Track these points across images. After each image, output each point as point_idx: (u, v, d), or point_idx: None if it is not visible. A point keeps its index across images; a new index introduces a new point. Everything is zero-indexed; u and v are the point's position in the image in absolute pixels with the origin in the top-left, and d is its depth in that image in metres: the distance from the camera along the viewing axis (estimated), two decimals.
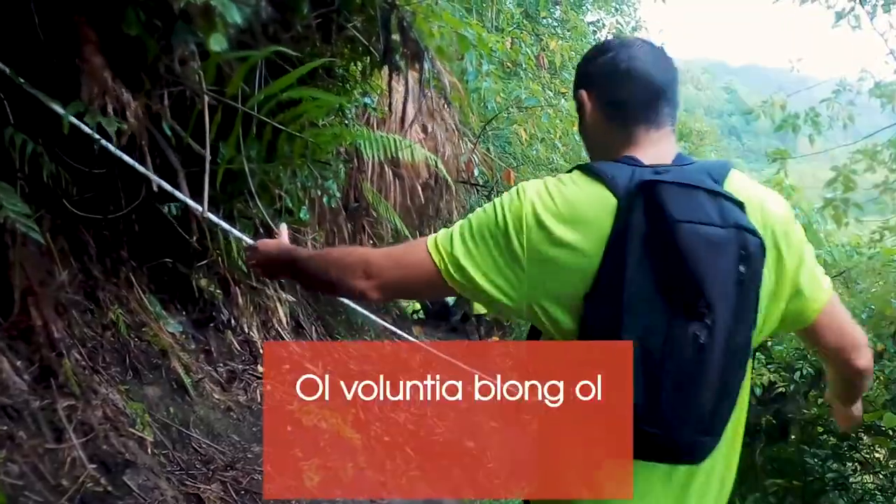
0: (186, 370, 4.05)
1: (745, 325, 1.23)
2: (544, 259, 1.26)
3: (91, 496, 2.61)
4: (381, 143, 4.87)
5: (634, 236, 1.19)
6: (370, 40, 3.73)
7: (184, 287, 4.73)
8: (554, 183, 1.30)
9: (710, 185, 1.23)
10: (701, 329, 1.17)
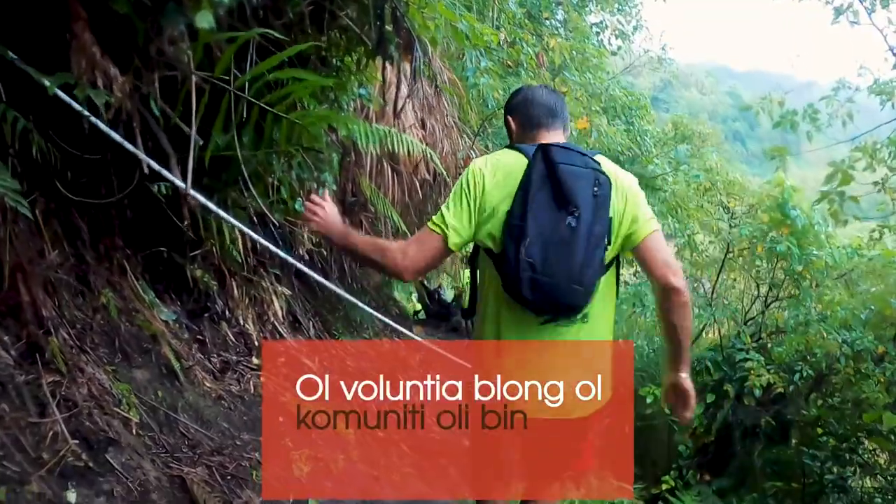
0: (177, 357, 4.06)
1: (601, 221, 2.15)
2: (487, 190, 2.22)
3: (71, 470, 2.62)
4: (378, 136, 4.87)
5: (536, 173, 2.15)
6: (363, 30, 3.74)
7: (179, 277, 4.74)
8: (492, 154, 2.35)
9: (579, 149, 2.24)
10: (572, 219, 2.11)
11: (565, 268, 2.09)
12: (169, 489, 3.09)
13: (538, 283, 2.09)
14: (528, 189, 2.13)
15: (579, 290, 2.12)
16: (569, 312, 2.21)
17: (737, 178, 9.46)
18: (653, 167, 10.59)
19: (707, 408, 8.66)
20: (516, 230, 2.11)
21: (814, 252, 8.21)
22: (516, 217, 2.12)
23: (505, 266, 2.14)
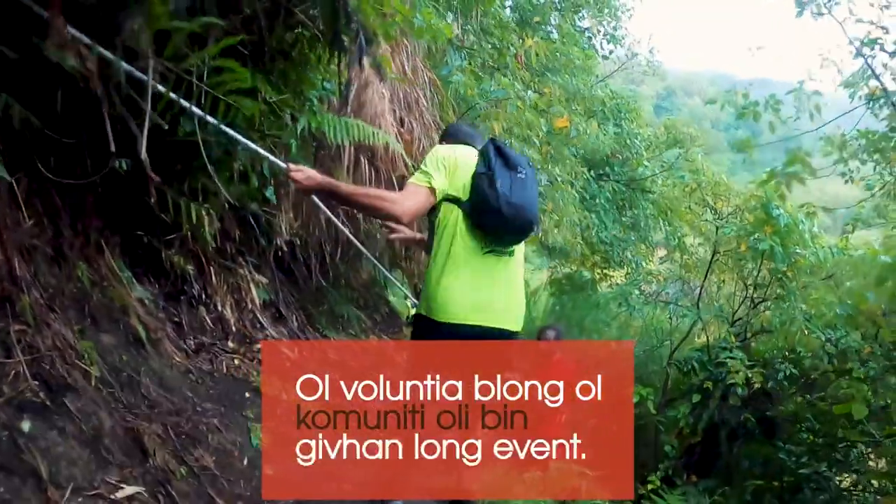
0: (147, 329, 4.31)
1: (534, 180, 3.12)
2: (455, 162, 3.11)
3: (29, 405, 2.87)
4: (346, 127, 5.12)
5: (491, 151, 3.10)
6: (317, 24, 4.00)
7: (158, 261, 5.01)
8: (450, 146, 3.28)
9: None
10: (521, 174, 3.04)
11: (525, 198, 3.01)
12: (122, 438, 3.32)
13: (511, 205, 2.96)
14: (489, 157, 3.08)
15: (534, 215, 3.08)
16: (526, 233, 3.12)
17: (722, 179, 9.61)
18: (642, 169, 10.78)
19: (693, 408, 8.79)
20: (487, 178, 3.01)
21: (797, 251, 8.34)
22: (486, 170, 3.04)
23: (482, 200, 3.00)
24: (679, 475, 8.71)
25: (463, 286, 3.03)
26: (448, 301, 3.04)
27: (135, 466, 3.23)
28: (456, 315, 3.03)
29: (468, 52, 7.75)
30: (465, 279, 3.04)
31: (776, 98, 6.81)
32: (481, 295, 3.05)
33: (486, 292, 3.07)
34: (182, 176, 4.54)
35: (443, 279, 3.05)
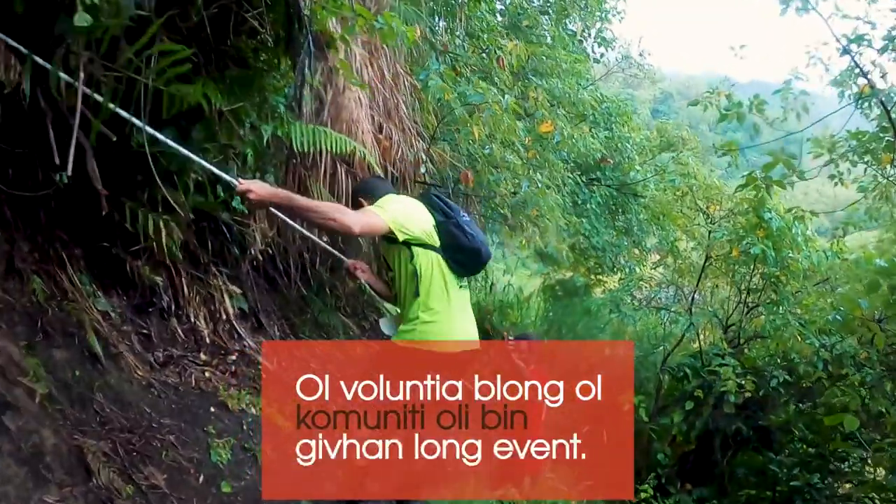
0: (105, 343, 4.24)
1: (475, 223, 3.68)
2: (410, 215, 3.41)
3: None
4: (313, 135, 5.04)
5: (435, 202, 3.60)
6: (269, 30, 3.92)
7: (126, 272, 4.94)
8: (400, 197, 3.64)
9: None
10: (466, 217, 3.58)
11: (482, 235, 3.62)
12: (66, 456, 3.25)
13: (480, 242, 3.55)
14: (441, 206, 3.56)
15: (489, 252, 3.73)
16: (486, 264, 3.77)
17: (715, 182, 9.49)
18: (634, 173, 10.66)
19: (686, 415, 8.66)
20: (453, 224, 3.49)
21: (790, 255, 8.21)
22: (447, 217, 3.52)
23: (457, 243, 3.49)
24: (673, 483, 8.57)
25: (453, 318, 3.52)
26: (444, 332, 3.50)
27: (76, 485, 3.16)
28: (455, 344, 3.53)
29: (452, 56, 7.67)
30: (455, 312, 3.53)
31: (760, 98, 6.65)
32: (466, 323, 3.61)
33: (467, 319, 3.64)
34: (142, 186, 4.47)
35: (438, 315, 3.48)
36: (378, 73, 6.54)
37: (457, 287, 3.56)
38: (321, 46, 4.26)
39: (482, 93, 6.03)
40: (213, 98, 3.78)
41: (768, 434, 8.60)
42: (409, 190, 6.75)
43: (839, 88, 6.72)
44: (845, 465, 7.86)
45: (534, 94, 7.70)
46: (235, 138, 4.16)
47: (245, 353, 5.98)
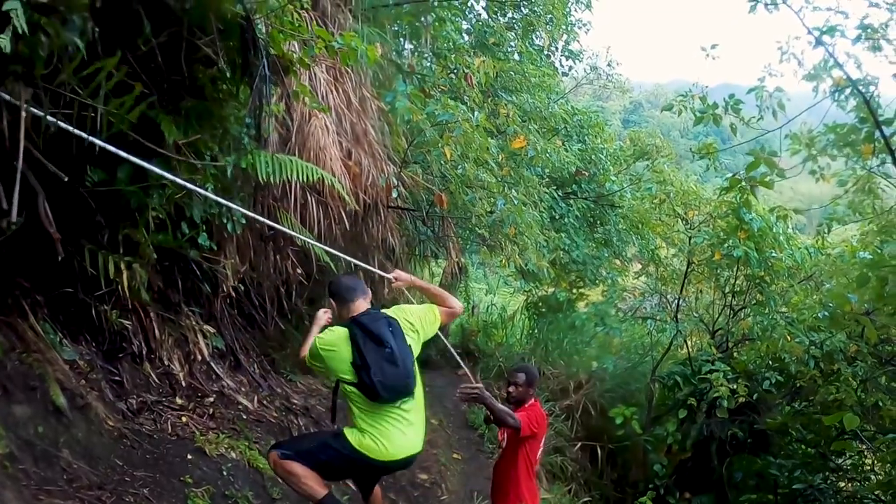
0: (72, 395, 4.03)
1: (403, 344, 3.88)
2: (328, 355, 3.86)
3: None
4: (279, 165, 4.89)
5: (358, 334, 3.78)
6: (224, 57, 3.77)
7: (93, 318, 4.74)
8: (326, 332, 3.98)
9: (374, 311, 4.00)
10: (389, 349, 3.77)
11: (396, 374, 3.75)
12: None
13: (386, 387, 3.73)
14: (358, 343, 3.76)
15: (409, 381, 3.85)
16: (405, 394, 3.85)
17: (691, 187, 9.43)
18: (610, 184, 10.58)
19: (680, 424, 8.53)
20: (362, 367, 3.71)
21: (773, 254, 8.14)
22: (358, 360, 3.74)
23: (365, 386, 3.73)
24: (672, 493, 8.44)
25: (388, 436, 3.84)
26: (380, 447, 3.82)
27: None
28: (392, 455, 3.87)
29: (420, 77, 7.56)
30: (385, 429, 3.84)
31: (736, 98, 6.57)
32: (402, 437, 3.89)
33: (404, 433, 3.90)
34: (101, 228, 4.29)
35: (366, 432, 3.83)
36: (344, 98, 6.40)
37: (394, 406, 3.86)
38: (279, 72, 4.11)
39: (451, 111, 5.90)
40: (167, 131, 3.62)
41: (765, 437, 8.50)
42: (381, 216, 6.61)
43: (814, 82, 6.65)
44: (843, 461, 7.75)
45: (504, 110, 7.60)
46: (197, 172, 3.99)
47: (224, 393, 5.78)
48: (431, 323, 4.18)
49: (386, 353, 3.74)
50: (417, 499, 6.37)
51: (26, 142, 3.38)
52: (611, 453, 9.20)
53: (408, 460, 4.01)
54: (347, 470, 4.14)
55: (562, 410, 8.96)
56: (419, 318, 4.13)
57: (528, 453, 4.94)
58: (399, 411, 3.87)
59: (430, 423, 8.07)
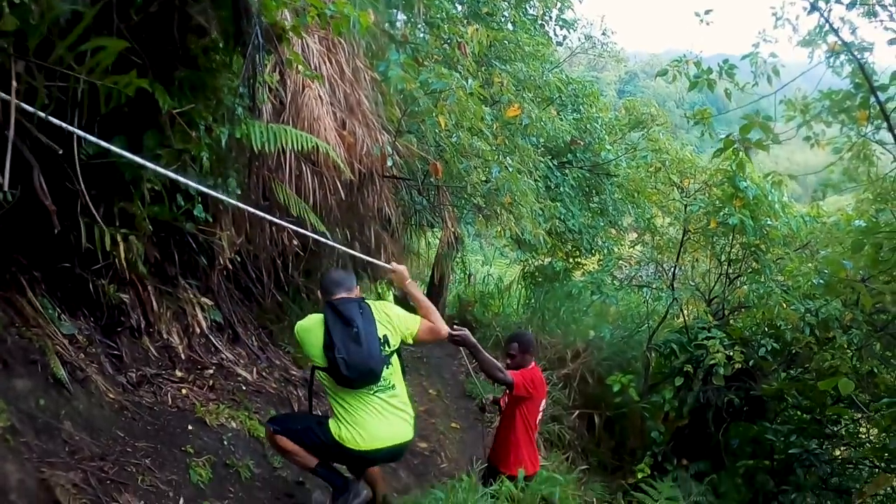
0: (72, 368, 4.04)
1: (371, 327, 3.90)
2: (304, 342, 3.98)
3: None
4: (274, 135, 4.86)
5: (330, 316, 3.86)
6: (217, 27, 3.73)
7: (90, 293, 4.74)
8: (304, 320, 4.07)
9: (352, 298, 4.03)
10: (356, 329, 3.81)
11: (359, 353, 3.78)
12: (34, 491, 3.06)
13: (349, 365, 3.75)
14: (328, 325, 3.84)
15: (372, 363, 3.82)
16: (372, 378, 3.88)
17: (687, 156, 9.39)
18: (605, 153, 10.54)
19: (677, 391, 8.58)
20: (330, 347, 3.77)
21: (768, 222, 8.14)
22: (327, 341, 3.80)
23: (332, 366, 3.78)
24: (670, 460, 8.50)
25: (363, 425, 3.89)
26: (355, 437, 3.89)
27: None
28: (367, 444, 3.91)
29: (413, 47, 7.49)
30: (361, 418, 3.90)
31: (730, 63, 6.51)
32: (380, 425, 3.93)
33: (384, 422, 3.95)
34: (97, 201, 4.27)
35: (343, 422, 3.91)
36: (337, 69, 6.36)
37: (371, 394, 3.93)
38: (272, 40, 4.08)
39: (445, 79, 5.85)
40: (161, 100, 3.60)
41: (761, 403, 8.55)
42: (376, 186, 6.59)
43: (809, 49, 6.60)
44: (839, 428, 7.81)
45: (498, 78, 7.54)
46: (191, 142, 3.96)
47: (223, 365, 5.80)
48: (408, 326, 4.14)
49: (353, 332, 3.78)
50: (417, 467, 6.43)
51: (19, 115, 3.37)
52: (608, 421, 9.27)
53: (394, 451, 4.06)
54: (331, 457, 4.12)
55: (559, 379, 9.01)
56: (396, 315, 4.14)
57: (526, 416, 5.06)
58: (377, 400, 3.92)
59: (428, 394, 8.24)
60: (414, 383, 8.34)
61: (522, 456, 5.15)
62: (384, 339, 3.97)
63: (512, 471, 5.15)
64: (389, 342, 4.01)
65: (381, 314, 4.06)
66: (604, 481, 8.21)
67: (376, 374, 3.85)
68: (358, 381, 3.83)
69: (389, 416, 3.96)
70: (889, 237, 6.34)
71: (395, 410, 4.01)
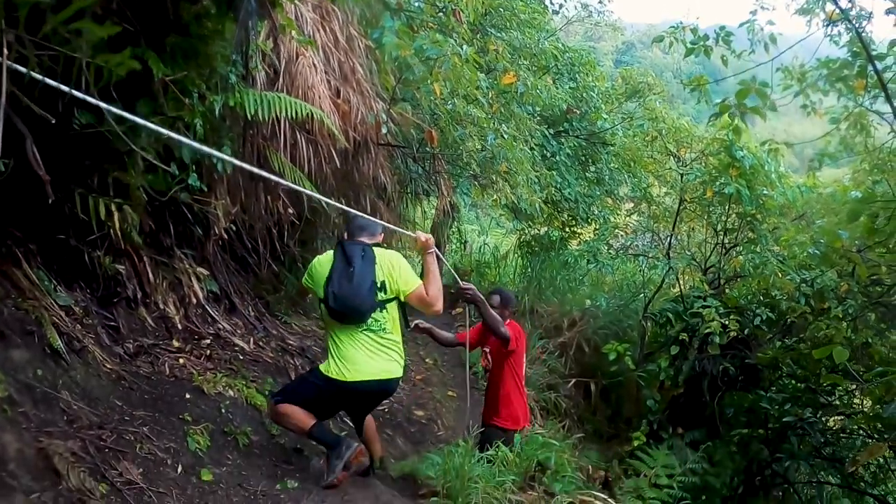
0: (69, 339, 4.04)
1: (367, 268, 4.16)
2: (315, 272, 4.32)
3: None
4: (268, 103, 4.82)
5: (337, 253, 4.21)
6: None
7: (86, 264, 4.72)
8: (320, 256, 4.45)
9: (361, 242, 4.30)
10: (352, 268, 4.11)
11: (349, 289, 4.07)
12: (31, 460, 3.08)
13: (336, 298, 4.06)
14: (334, 261, 4.18)
15: (357, 301, 4.09)
16: (357, 316, 4.16)
17: (683, 125, 9.35)
18: (601, 122, 10.48)
19: (673, 360, 8.62)
20: (328, 281, 4.10)
21: (765, 192, 8.13)
22: (328, 275, 4.13)
23: (325, 298, 4.12)
24: (665, 429, 8.56)
25: (350, 359, 4.16)
26: (342, 370, 4.15)
27: (45, 490, 2.99)
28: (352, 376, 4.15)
29: (408, 14, 7.41)
30: (348, 352, 4.17)
31: (727, 30, 6.46)
32: (366, 360, 4.18)
33: (370, 357, 4.20)
34: (91, 171, 4.25)
35: (333, 358, 4.20)
36: (331, 37, 6.31)
37: (359, 331, 4.19)
38: (265, 5, 4.03)
39: (440, 46, 5.80)
40: (154, 68, 3.55)
41: (756, 372, 8.59)
42: (371, 154, 6.56)
43: (806, 17, 6.53)
44: (833, 398, 7.86)
45: (494, 46, 7.47)
46: (184, 110, 3.92)
47: (220, 335, 5.81)
48: (405, 283, 4.28)
49: (349, 271, 4.08)
50: (414, 434, 6.48)
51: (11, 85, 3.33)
52: (604, 389, 9.33)
53: (380, 385, 4.28)
54: (326, 401, 4.31)
55: (555, 347, 9.07)
56: (399, 269, 4.31)
57: (514, 368, 5.29)
58: (364, 337, 4.19)
59: (424, 363, 8.29)
60: (411, 353, 8.37)
61: (514, 409, 5.34)
62: (381, 284, 4.21)
63: (506, 423, 5.27)
64: (386, 289, 4.23)
65: (386, 262, 4.27)
66: (599, 449, 8.29)
67: (360, 312, 4.12)
68: (344, 317, 4.14)
69: (376, 353, 4.21)
70: (885, 207, 6.33)
71: (382, 349, 4.25)
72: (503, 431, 5.32)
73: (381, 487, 4.41)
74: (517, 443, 5.10)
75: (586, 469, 6.74)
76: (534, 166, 8.03)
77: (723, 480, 8.02)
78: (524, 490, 4.76)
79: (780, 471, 8.22)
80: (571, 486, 5.04)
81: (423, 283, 4.35)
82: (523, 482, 4.83)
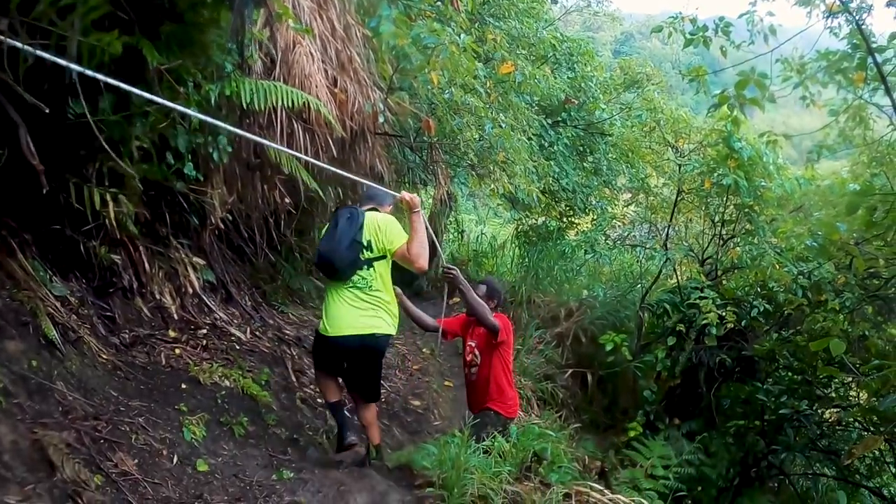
0: (63, 329, 4.03)
1: (349, 229, 4.37)
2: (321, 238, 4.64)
3: None
4: (265, 92, 4.79)
5: (332, 220, 4.56)
6: None
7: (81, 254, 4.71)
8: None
9: (357, 207, 4.62)
10: (336, 230, 4.38)
11: (330, 246, 4.35)
12: (26, 452, 3.07)
13: (319, 254, 4.43)
14: (328, 224, 4.53)
15: (335, 255, 4.33)
16: (337, 271, 4.39)
17: (681, 116, 9.33)
18: (599, 113, 10.45)
19: (670, 351, 8.62)
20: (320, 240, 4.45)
21: (763, 184, 8.11)
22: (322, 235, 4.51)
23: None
24: (661, 419, 8.57)
25: (332, 313, 4.41)
26: (326, 325, 4.42)
27: (40, 481, 2.98)
28: (334, 331, 4.39)
29: (405, 3, 7.36)
30: (330, 307, 4.44)
31: (726, 21, 6.42)
32: (345, 315, 4.38)
33: (348, 312, 4.38)
34: (85, 161, 4.22)
35: (322, 314, 4.51)
36: (329, 26, 6.26)
37: (346, 287, 4.41)
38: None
39: (437, 34, 5.75)
40: (149, 56, 3.52)
41: (752, 364, 8.60)
42: (369, 143, 6.53)
43: (807, 8, 6.48)
44: (830, 391, 7.87)
45: (492, 35, 7.43)
46: (179, 99, 3.90)
47: (216, 325, 5.80)
48: (391, 241, 4.45)
49: (335, 232, 4.34)
50: (411, 424, 6.48)
51: (3, 74, 3.30)
52: (601, 380, 9.33)
53: (362, 341, 4.39)
54: (324, 356, 4.61)
55: (552, 338, 9.06)
56: (386, 228, 4.48)
57: (504, 359, 5.22)
58: (348, 293, 4.41)
59: (421, 353, 8.29)
60: (408, 342, 8.38)
61: (507, 402, 5.29)
62: (368, 243, 4.42)
63: (497, 407, 5.22)
64: (373, 248, 4.43)
65: (374, 224, 4.47)
66: (596, 439, 8.30)
67: (336, 268, 4.36)
68: (327, 271, 4.46)
69: (359, 309, 4.39)
70: (883, 200, 6.32)
71: (368, 305, 4.42)
72: (498, 416, 5.24)
73: (377, 478, 4.40)
74: (513, 434, 5.08)
75: (582, 459, 6.75)
76: (531, 156, 8.00)
77: (719, 472, 8.05)
78: (520, 480, 4.75)
79: (775, 462, 8.24)
80: (567, 476, 5.03)
81: (409, 240, 4.46)
82: (519, 472, 4.82)
